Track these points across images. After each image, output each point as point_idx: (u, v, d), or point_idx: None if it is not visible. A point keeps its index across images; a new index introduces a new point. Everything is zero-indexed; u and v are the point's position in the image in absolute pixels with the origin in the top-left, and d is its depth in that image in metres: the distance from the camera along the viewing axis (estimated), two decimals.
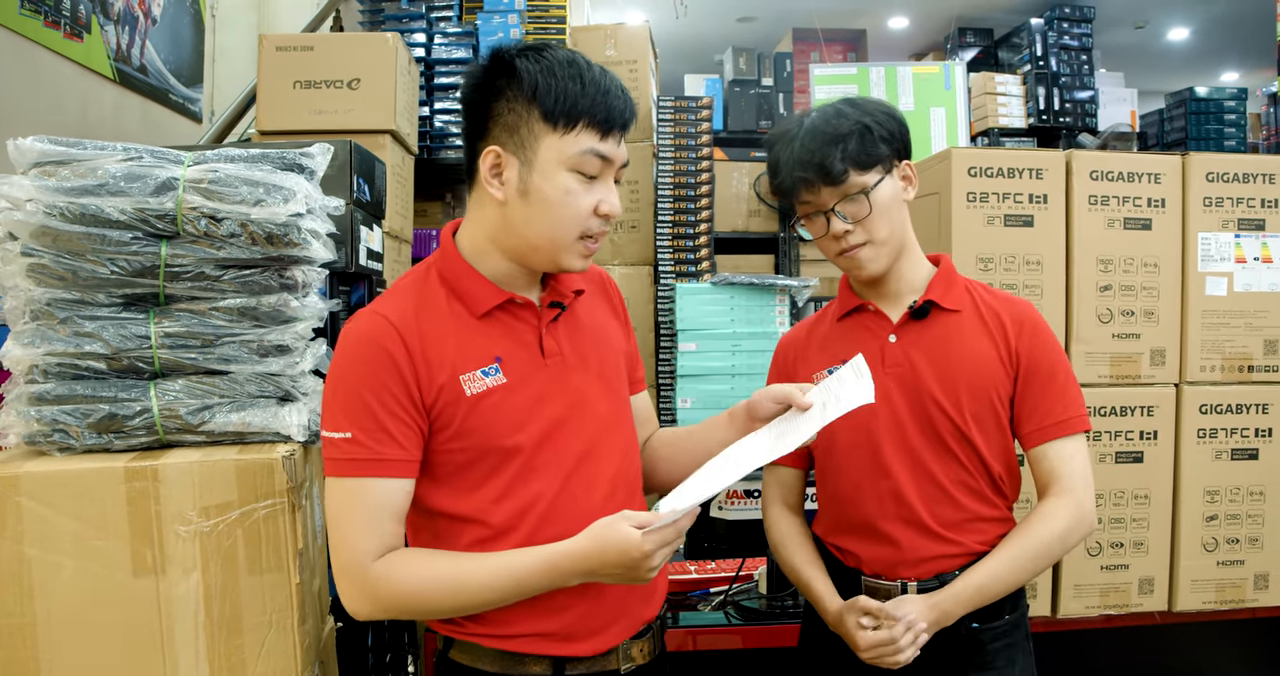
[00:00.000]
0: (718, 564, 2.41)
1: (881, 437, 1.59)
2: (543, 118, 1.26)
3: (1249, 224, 2.22)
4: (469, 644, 1.35)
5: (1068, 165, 2.13)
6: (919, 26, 6.89)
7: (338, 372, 1.29)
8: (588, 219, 1.29)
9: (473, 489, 1.31)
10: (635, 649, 1.40)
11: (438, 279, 1.36)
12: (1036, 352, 1.58)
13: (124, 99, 4.19)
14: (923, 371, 1.58)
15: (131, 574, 1.44)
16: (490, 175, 1.30)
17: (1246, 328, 2.23)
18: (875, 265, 1.58)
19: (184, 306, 1.54)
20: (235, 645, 1.47)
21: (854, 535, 1.63)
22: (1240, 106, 6.33)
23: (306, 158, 1.60)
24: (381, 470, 1.26)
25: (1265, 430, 2.23)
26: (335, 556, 1.28)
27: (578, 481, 1.34)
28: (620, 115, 1.29)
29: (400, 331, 1.28)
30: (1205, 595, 2.22)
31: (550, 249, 1.31)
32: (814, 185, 1.54)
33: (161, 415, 1.51)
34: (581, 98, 1.26)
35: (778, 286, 3.76)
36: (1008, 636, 1.60)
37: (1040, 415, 1.57)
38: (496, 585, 1.25)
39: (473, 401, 1.30)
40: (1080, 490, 1.54)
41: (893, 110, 1.61)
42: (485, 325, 1.34)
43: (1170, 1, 6.42)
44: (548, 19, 4.19)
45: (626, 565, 1.20)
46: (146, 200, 1.48)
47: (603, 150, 1.28)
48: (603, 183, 1.30)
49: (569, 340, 1.40)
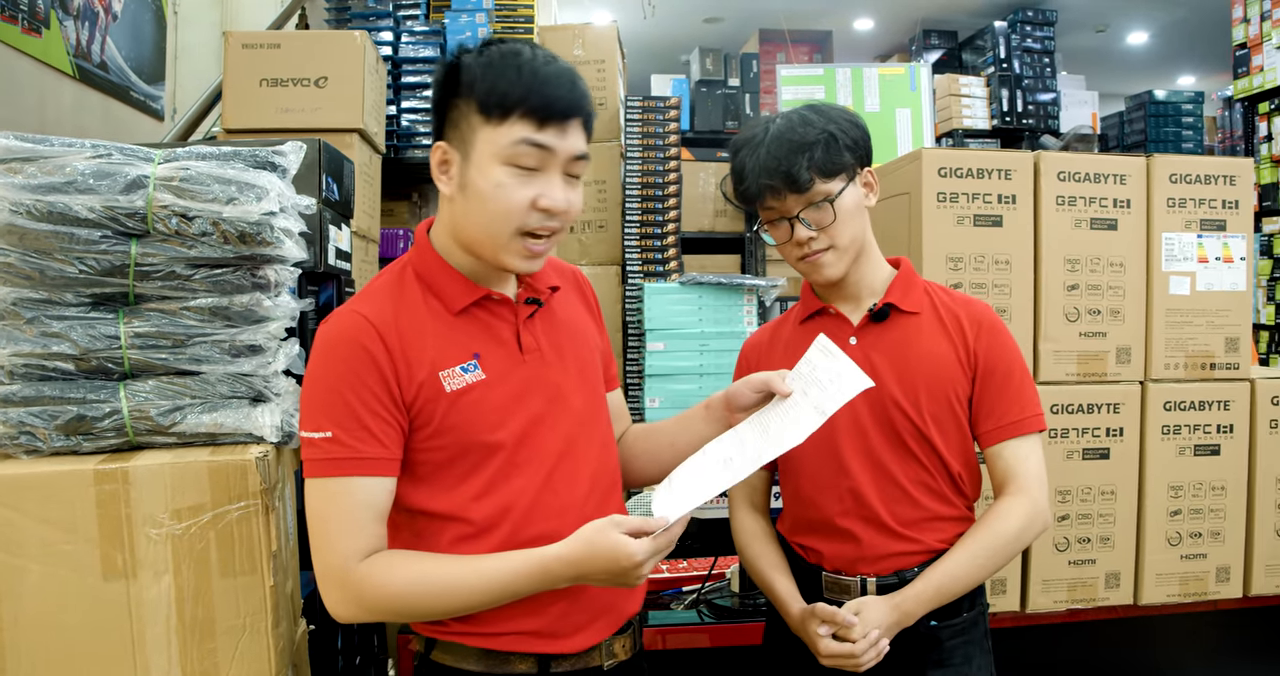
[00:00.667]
0: (689, 563, 2.42)
1: (841, 438, 1.61)
2: (478, 110, 1.23)
3: (1210, 224, 2.27)
4: (452, 644, 1.33)
5: (1036, 166, 2.16)
6: (884, 28, 6.94)
7: (316, 372, 1.27)
8: (524, 214, 1.24)
9: (453, 487, 1.30)
10: (617, 645, 1.40)
11: (414, 277, 1.34)
12: (994, 353, 1.61)
13: (84, 96, 4.11)
14: (883, 373, 1.59)
15: (101, 578, 1.42)
16: (440, 171, 1.29)
17: (1208, 326, 2.27)
18: (834, 270, 1.60)
19: (154, 306, 1.52)
20: (208, 649, 1.45)
21: (815, 533, 1.65)
22: (1197, 109, 6.46)
23: (279, 156, 1.58)
24: (364, 469, 1.24)
25: (1227, 426, 2.27)
26: (318, 559, 1.26)
27: (558, 477, 1.33)
28: (560, 103, 1.23)
29: (379, 329, 1.26)
30: (1169, 588, 2.26)
31: (489, 245, 1.28)
32: (780, 192, 1.55)
33: (132, 416, 1.49)
34: (515, 86, 1.21)
35: (745, 286, 3.77)
36: (965, 634, 1.62)
37: (997, 415, 1.60)
38: (486, 588, 1.24)
39: (452, 398, 1.28)
40: (1035, 489, 1.57)
41: (856, 118, 1.63)
42: (463, 322, 1.32)
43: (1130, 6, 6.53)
44: (516, 18, 4.18)
45: (615, 572, 1.20)
46: (116, 198, 1.45)
47: (539, 140, 1.22)
48: (545, 176, 1.24)
49: (546, 336, 1.39)
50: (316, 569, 1.26)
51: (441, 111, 1.29)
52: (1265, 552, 2.31)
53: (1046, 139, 5.72)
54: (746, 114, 5.11)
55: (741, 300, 3.81)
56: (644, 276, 4.12)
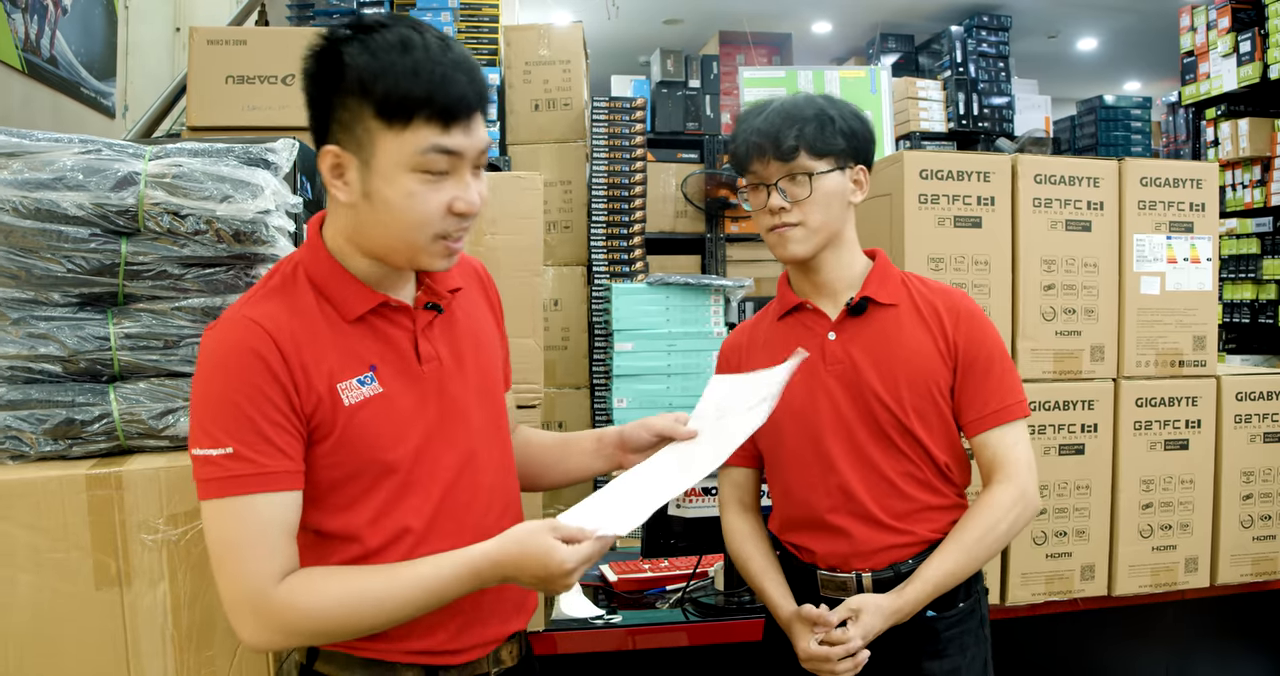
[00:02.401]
0: (671, 562, 2.42)
1: (826, 434, 1.60)
2: (375, 114, 1.12)
3: (1179, 226, 2.32)
4: (335, 654, 1.26)
5: (1014, 168, 2.20)
6: (842, 31, 7.01)
7: (207, 383, 1.16)
8: (440, 220, 1.17)
9: (347, 506, 1.22)
10: (505, 651, 1.37)
11: (306, 280, 1.23)
12: (974, 342, 1.61)
13: (33, 91, 3.99)
14: (863, 367, 1.60)
15: (94, 586, 1.39)
16: (332, 177, 1.17)
17: (1177, 324, 2.33)
18: (800, 247, 1.60)
19: (144, 306, 1.49)
20: (206, 657, 1.42)
21: (806, 530, 1.65)
22: (1145, 114, 6.64)
23: (272, 153, 1.56)
24: (271, 484, 1.14)
25: (1195, 421, 2.33)
26: (227, 586, 1.14)
27: (456, 497, 1.27)
28: (463, 101, 1.14)
29: (272, 334, 1.16)
30: (1141, 579, 2.31)
31: (406, 251, 1.20)
32: (765, 155, 1.57)
33: (122, 419, 1.46)
34: (415, 87, 1.10)
35: (713, 287, 3.79)
36: (962, 623, 1.63)
37: (980, 404, 1.60)
38: (415, 597, 1.17)
39: (350, 412, 1.20)
40: (1023, 475, 1.58)
41: (866, 118, 1.64)
42: (358, 330, 1.23)
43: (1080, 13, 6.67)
44: (480, 18, 4.15)
45: (544, 577, 1.15)
46: (106, 195, 1.42)
47: (447, 145, 1.14)
48: (455, 178, 1.17)
49: (446, 344, 1.31)
50: (225, 597, 1.15)
51: (325, 110, 1.16)
52: (1231, 543, 2.37)
53: (1002, 142, 5.83)
54: (707, 115, 5.13)
55: (709, 301, 3.83)
56: (610, 277, 4.12)
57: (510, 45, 4.11)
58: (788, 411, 1.61)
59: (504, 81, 4.09)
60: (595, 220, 4.11)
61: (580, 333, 4.14)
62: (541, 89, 4.11)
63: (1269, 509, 2.41)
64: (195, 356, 1.48)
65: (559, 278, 4.12)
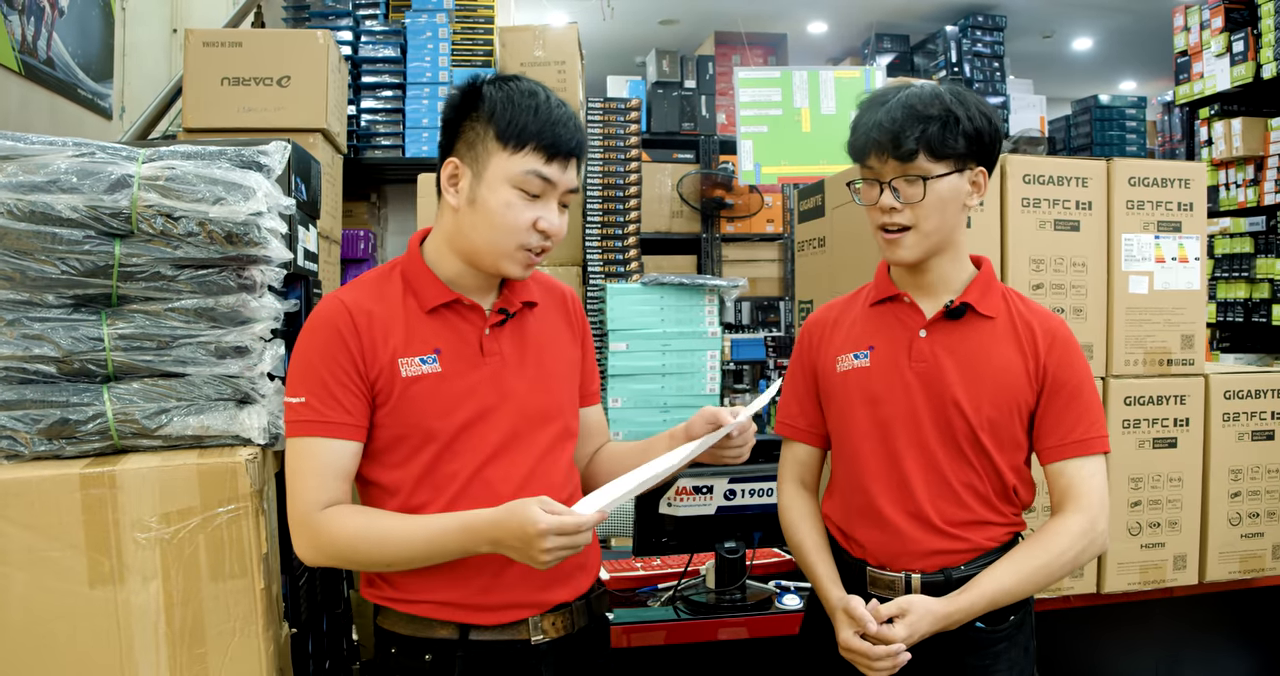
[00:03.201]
0: (664, 560, 2.44)
1: (897, 429, 1.59)
2: (496, 137, 1.38)
3: (1167, 226, 2.34)
4: (388, 610, 1.45)
5: (1002, 169, 2.21)
6: (837, 32, 7.03)
7: (300, 347, 1.41)
8: (526, 233, 1.40)
9: (398, 464, 1.42)
10: (547, 622, 1.46)
11: (399, 276, 1.47)
12: (1064, 368, 1.58)
13: (30, 93, 4.01)
14: (948, 372, 1.57)
15: (88, 585, 1.40)
16: (448, 183, 1.43)
17: (1165, 323, 2.34)
18: (909, 253, 1.57)
19: (138, 307, 1.50)
20: (198, 654, 1.43)
21: (861, 520, 1.64)
22: (1140, 114, 6.65)
23: (264, 155, 1.58)
24: (328, 431, 1.37)
25: (1183, 420, 2.35)
26: (290, 507, 1.37)
27: (493, 470, 1.43)
28: (566, 143, 1.39)
29: (352, 313, 1.40)
30: (1130, 576, 2.33)
31: (491, 254, 1.41)
32: (883, 152, 1.53)
33: (116, 419, 1.47)
34: (532, 123, 1.37)
35: (708, 287, 3.80)
36: (1010, 638, 1.60)
37: (1062, 432, 1.57)
38: (415, 541, 1.35)
39: (406, 383, 1.40)
40: (1096, 509, 1.55)
41: (994, 116, 1.58)
42: (432, 319, 1.44)
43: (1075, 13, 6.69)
44: (476, 19, 4.17)
45: (522, 542, 1.26)
46: (100, 197, 1.43)
47: (545, 172, 1.38)
48: (544, 202, 1.41)
49: (512, 345, 1.49)
50: (289, 516, 1.38)
51: (455, 129, 1.42)
52: (1219, 541, 2.39)
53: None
54: (703, 115, 5.14)
55: (703, 300, 3.85)
56: (605, 277, 4.13)
57: (505, 46, 4.12)
58: (862, 398, 1.62)
59: None
60: (590, 221, 4.13)
61: None
62: None
63: (1257, 506, 2.42)
64: (188, 357, 1.52)
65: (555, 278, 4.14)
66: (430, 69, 4.00)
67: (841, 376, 1.66)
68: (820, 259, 2.70)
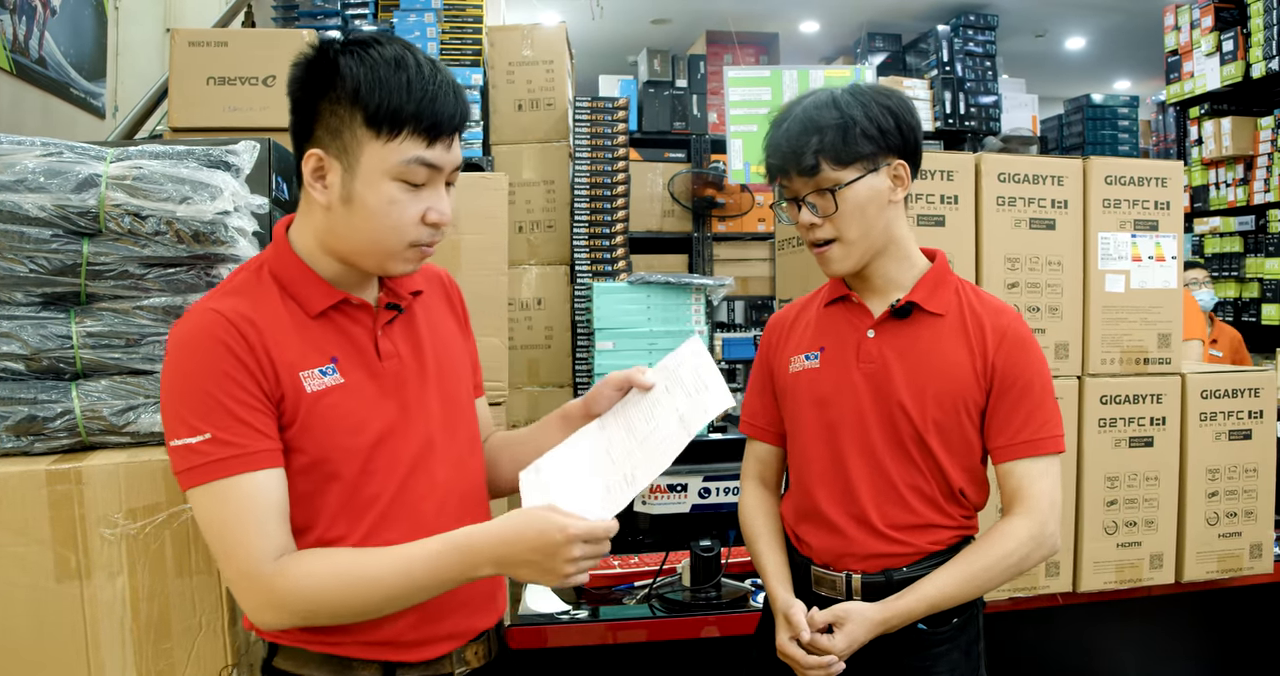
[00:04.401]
0: (642, 558, 2.45)
1: (843, 431, 1.57)
2: (365, 123, 1.17)
3: (1144, 224, 2.35)
4: (294, 650, 1.28)
5: (977, 167, 2.22)
6: (829, 31, 7.04)
7: (176, 375, 1.19)
8: (415, 228, 1.23)
9: (311, 495, 1.24)
10: (470, 652, 1.36)
11: (270, 277, 1.27)
12: (1014, 367, 1.54)
13: (21, 92, 4.02)
14: (894, 372, 1.55)
15: (54, 579, 1.41)
16: (313, 179, 1.22)
17: (1142, 322, 2.35)
18: (840, 265, 1.55)
19: (107, 305, 1.52)
20: (164, 649, 1.45)
21: (808, 521, 1.63)
22: (1133, 113, 6.66)
23: (233, 155, 1.59)
24: (254, 463, 1.16)
25: (1159, 419, 2.36)
26: (228, 568, 1.18)
27: (411, 490, 1.29)
28: (449, 120, 1.21)
29: (236, 324, 1.19)
30: (1106, 576, 2.34)
31: (376, 256, 1.25)
32: (789, 171, 1.52)
33: (84, 416, 1.48)
34: (407, 103, 1.17)
35: (693, 286, 3.81)
36: (953, 640, 1.58)
37: (1011, 431, 1.54)
38: (408, 578, 1.18)
39: (313, 399, 1.23)
40: (1044, 511, 1.51)
41: (896, 106, 1.53)
42: (320, 325, 1.27)
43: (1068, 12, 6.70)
44: (464, 18, 4.17)
45: (544, 554, 1.14)
46: (68, 197, 1.45)
47: (429, 158, 1.20)
48: (431, 190, 1.23)
49: (406, 343, 1.34)
50: (227, 580, 1.19)
51: (310, 112, 1.21)
52: (1196, 540, 2.40)
53: (990, 140, 5.85)
54: (694, 115, 5.15)
55: (689, 299, 3.86)
56: (592, 276, 4.14)
57: (494, 46, 4.13)
58: (812, 399, 1.61)
59: (487, 82, 4.12)
60: (578, 220, 4.14)
61: (563, 331, 4.17)
62: (525, 89, 4.13)
63: (1234, 506, 2.43)
64: (157, 354, 1.52)
65: (542, 277, 4.15)
66: None
67: (793, 377, 1.65)
68: (799, 257, 2.70)
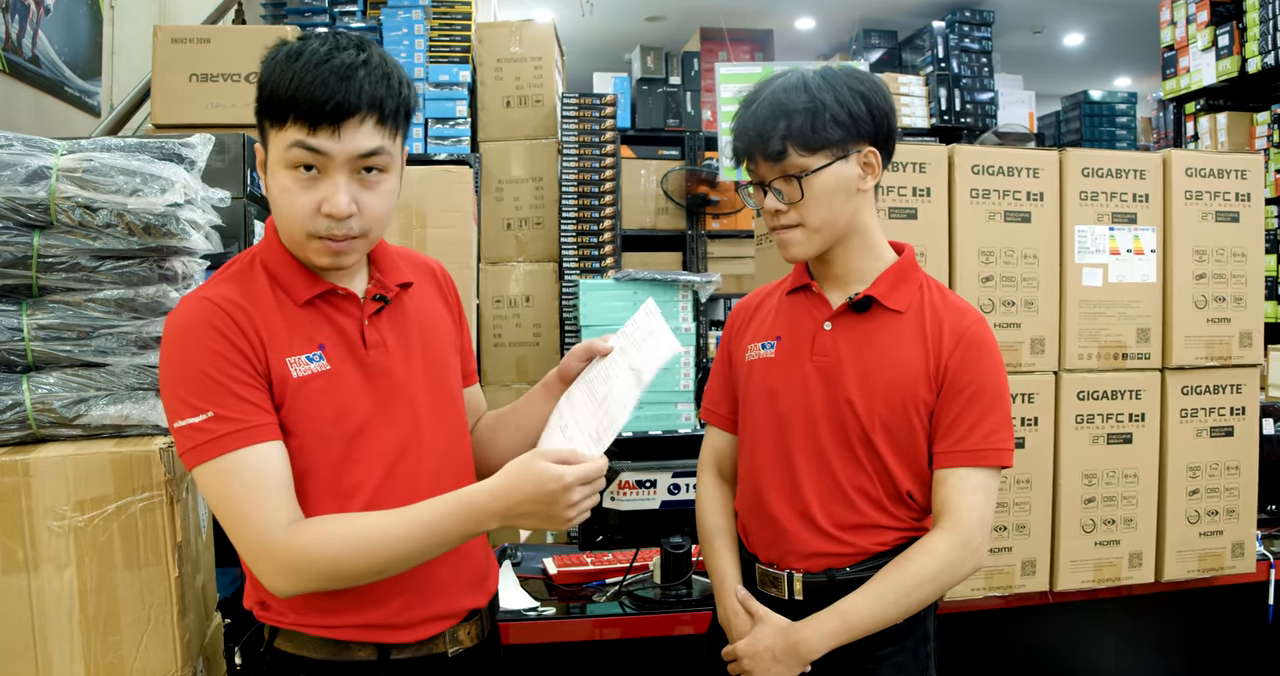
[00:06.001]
0: (615, 555, 2.43)
1: (792, 425, 1.54)
2: (263, 113, 1.23)
3: (1122, 217, 2.32)
4: (293, 633, 1.32)
5: (950, 160, 2.20)
6: (825, 28, 7.03)
7: (172, 360, 1.23)
8: (310, 219, 1.23)
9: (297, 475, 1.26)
10: (462, 632, 1.39)
11: (261, 267, 1.32)
12: (965, 371, 1.49)
13: (15, 90, 4.04)
14: (845, 368, 1.52)
15: (1, 571, 1.41)
16: (261, 172, 1.29)
17: (1120, 317, 2.32)
18: (799, 249, 1.52)
19: (58, 298, 1.51)
20: (112, 642, 1.44)
21: (753, 516, 1.61)
22: (1131, 109, 6.63)
23: (187, 148, 1.58)
24: (253, 437, 1.21)
25: (1138, 415, 2.33)
26: (239, 540, 1.21)
27: (399, 474, 1.31)
28: (328, 104, 1.18)
29: (227, 310, 1.24)
30: (1084, 574, 2.31)
31: (294, 247, 1.28)
32: (755, 155, 1.49)
33: (34, 409, 1.48)
34: (286, 89, 1.19)
35: (680, 282, 3.80)
36: (896, 642, 1.54)
37: (954, 438, 1.49)
38: (415, 535, 1.21)
39: (299, 384, 1.26)
40: (970, 526, 1.46)
41: (869, 91, 1.49)
42: (308, 313, 1.30)
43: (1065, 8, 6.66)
44: (453, 15, 4.18)
45: (543, 503, 1.17)
46: (16, 189, 1.44)
47: (311, 144, 1.20)
48: (327, 179, 1.22)
49: (393, 333, 1.37)
50: (241, 551, 1.22)
51: (258, 115, 1.27)
52: (1177, 539, 2.36)
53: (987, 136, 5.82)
54: (688, 112, 5.14)
55: (677, 296, 3.84)
56: (580, 273, 4.14)
57: (482, 42, 4.14)
58: (764, 390, 1.58)
59: (475, 78, 4.12)
60: (565, 217, 4.14)
61: (552, 328, 4.17)
62: (513, 86, 4.14)
63: (1216, 504, 2.40)
64: (109, 347, 1.52)
65: (530, 274, 4.16)
66: (406, 65, 3.98)
67: (748, 366, 1.63)
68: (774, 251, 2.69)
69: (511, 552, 2.52)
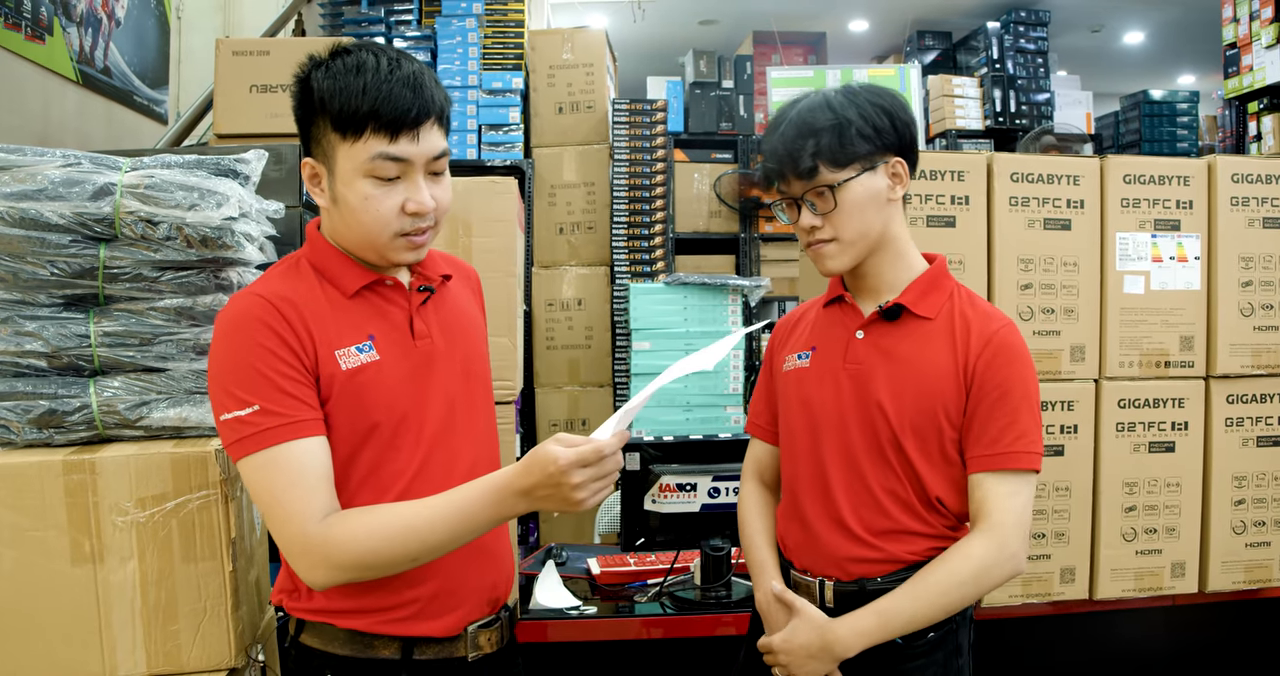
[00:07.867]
0: (658, 556, 2.48)
1: (824, 433, 1.58)
2: (333, 128, 1.28)
3: (1165, 224, 2.31)
4: (322, 625, 1.36)
5: (989, 168, 2.21)
6: (878, 29, 6.97)
7: (222, 355, 1.29)
8: (396, 220, 1.30)
9: (337, 469, 1.30)
10: (483, 637, 1.43)
11: (308, 266, 1.37)
12: (994, 373, 1.51)
13: (87, 101, 4.21)
14: (876, 374, 1.55)
15: (70, 563, 1.50)
16: (311, 185, 1.35)
17: (1163, 324, 2.31)
18: (835, 262, 1.56)
19: (123, 306, 1.61)
20: (171, 631, 1.53)
21: (791, 520, 1.65)
22: (1192, 108, 6.46)
23: (241, 164, 1.66)
24: (298, 432, 1.25)
25: (1181, 423, 2.31)
26: (277, 532, 1.26)
27: (435, 463, 1.36)
28: (406, 114, 1.27)
29: (276, 305, 1.29)
30: (1125, 583, 2.30)
31: (372, 248, 1.34)
32: (786, 174, 1.54)
33: (100, 411, 1.58)
34: (363, 103, 1.25)
35: (730, 286, 3.84)
36: (928, 655, 1.55)
37: (984, 442, 1.51)
38: (449, 520, 1.24)
39: (348, 375, 1.31)
40: (1007, 529, 1.47)
41: (890, 104, 1.55)
42: (356, 304, 1.36)
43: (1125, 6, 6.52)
44: (506, 23, 4.25)
45: (550, 486, 1.20)
46: (84, 205, 1.54)
47: (394, 153, 1.27)
48: (408, 182, 1.30)
49: (438, 323, 1.42)
50: (279, 543, 1.27)
51: (305, 128, 1.33)
52: (1221, 549, 2.34)
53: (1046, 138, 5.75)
54: (740, 116, 5.16)
55: (726, 300, 3.88)
56: (631, 277, 4.19)
57: (535, 50, 4.21)
58: (799, 399, 1.63)
59: (528, 85, 4.19)
60: (616, 221, 4.19)
61: (603, 332, 4.23)
62: (565, 92, 4.20)
63: (1263, 514, 2.37)
64: (169, 353, 1.61)
65: (582, 278, 4.22)
66: (460, 73, 4.10)
67: (785, 376, 1.68)
68: None
69: (557, 552, 2.58)
